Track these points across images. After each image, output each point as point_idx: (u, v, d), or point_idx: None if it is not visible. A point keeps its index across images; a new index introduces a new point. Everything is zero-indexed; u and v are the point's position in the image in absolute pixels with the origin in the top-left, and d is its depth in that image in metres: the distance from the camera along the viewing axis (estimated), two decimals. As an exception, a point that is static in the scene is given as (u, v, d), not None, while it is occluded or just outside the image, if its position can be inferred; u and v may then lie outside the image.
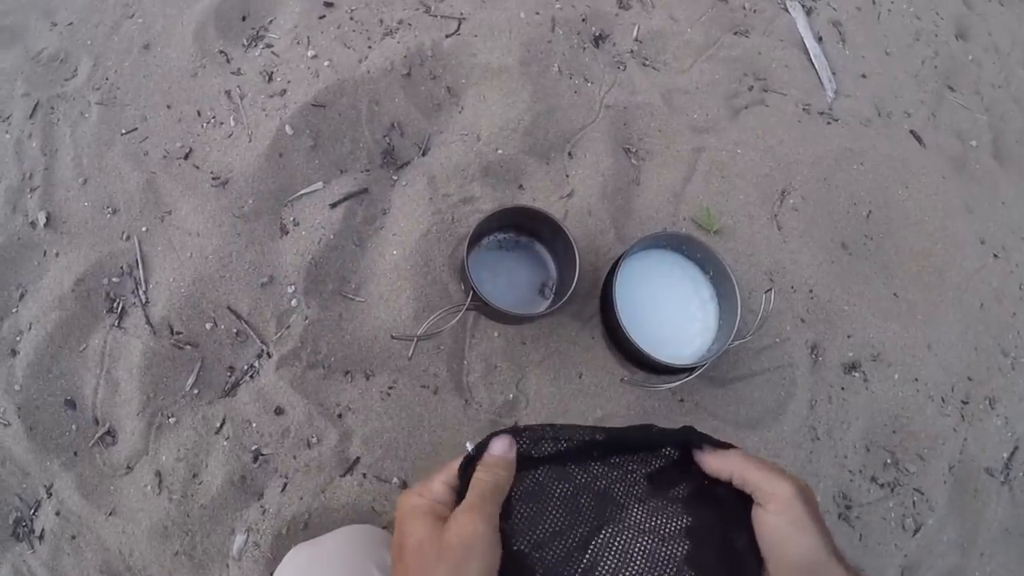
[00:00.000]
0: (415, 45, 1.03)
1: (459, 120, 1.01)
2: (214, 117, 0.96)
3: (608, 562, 0.46)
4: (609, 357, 0.91)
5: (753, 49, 1.23)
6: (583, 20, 1.15)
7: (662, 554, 0.46)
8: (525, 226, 0.94)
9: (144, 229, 0.89)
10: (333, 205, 0.91)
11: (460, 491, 0.45)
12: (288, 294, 0.87)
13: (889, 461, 1.00)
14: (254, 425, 0.82)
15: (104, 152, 0.94)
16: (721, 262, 0.88)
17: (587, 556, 0.46)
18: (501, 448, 0.46)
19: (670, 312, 0.90)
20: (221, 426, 0.82)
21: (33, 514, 0.79)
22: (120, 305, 0.86)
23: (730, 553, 0.46)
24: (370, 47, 1.04)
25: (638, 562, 0.46)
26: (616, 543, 0.47)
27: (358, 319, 0.88)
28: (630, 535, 0.47)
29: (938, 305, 1.10)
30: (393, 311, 0.88)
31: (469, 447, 0.46)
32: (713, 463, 0.47)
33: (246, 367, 0.84)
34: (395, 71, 1.01)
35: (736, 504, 0.46)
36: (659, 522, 0.48)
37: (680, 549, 0.47)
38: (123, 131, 0.95)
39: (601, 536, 0.47)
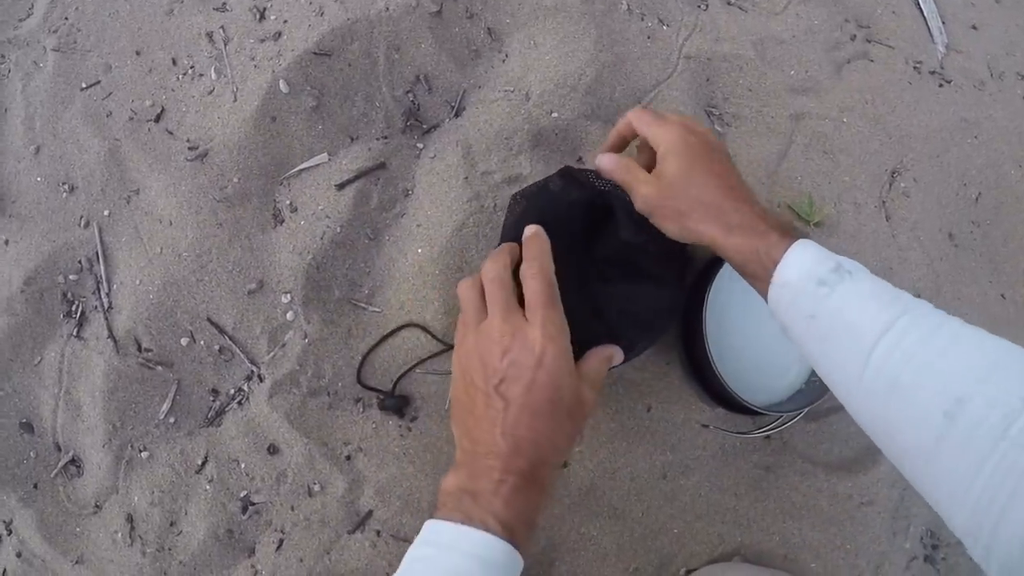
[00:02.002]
0: (446, -27, 0.66)
1: (503, 72, 0.66)
2: (192, 67, 0.62)
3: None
4: (686, 388, 0.60)
5: (856, -11, 0.82)
6: (656, -54, 0.75)
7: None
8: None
9: (106, 213, 0.59)
10: (340, 186, 0.58)
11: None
12: (283, 304, 0.56)
13: (987, 494, 0.69)
14: (243, 465, 0.54)
15: (60, 112, 0.62)
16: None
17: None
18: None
19: (764, 336, 0.58)
20: (203, 464, 0.54)
21: (-5, 553, 0.55)
22: (79, 309, 0.57)
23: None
24: (389, -24, 0.67)
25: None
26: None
27: (372, 335, 0.57)
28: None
29: (1048, 311, 0.76)
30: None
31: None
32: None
33: (233, 391, 0.56)
34: (421, 7, 0.64)
35: None
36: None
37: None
38: (83, 85, 0.62)
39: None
